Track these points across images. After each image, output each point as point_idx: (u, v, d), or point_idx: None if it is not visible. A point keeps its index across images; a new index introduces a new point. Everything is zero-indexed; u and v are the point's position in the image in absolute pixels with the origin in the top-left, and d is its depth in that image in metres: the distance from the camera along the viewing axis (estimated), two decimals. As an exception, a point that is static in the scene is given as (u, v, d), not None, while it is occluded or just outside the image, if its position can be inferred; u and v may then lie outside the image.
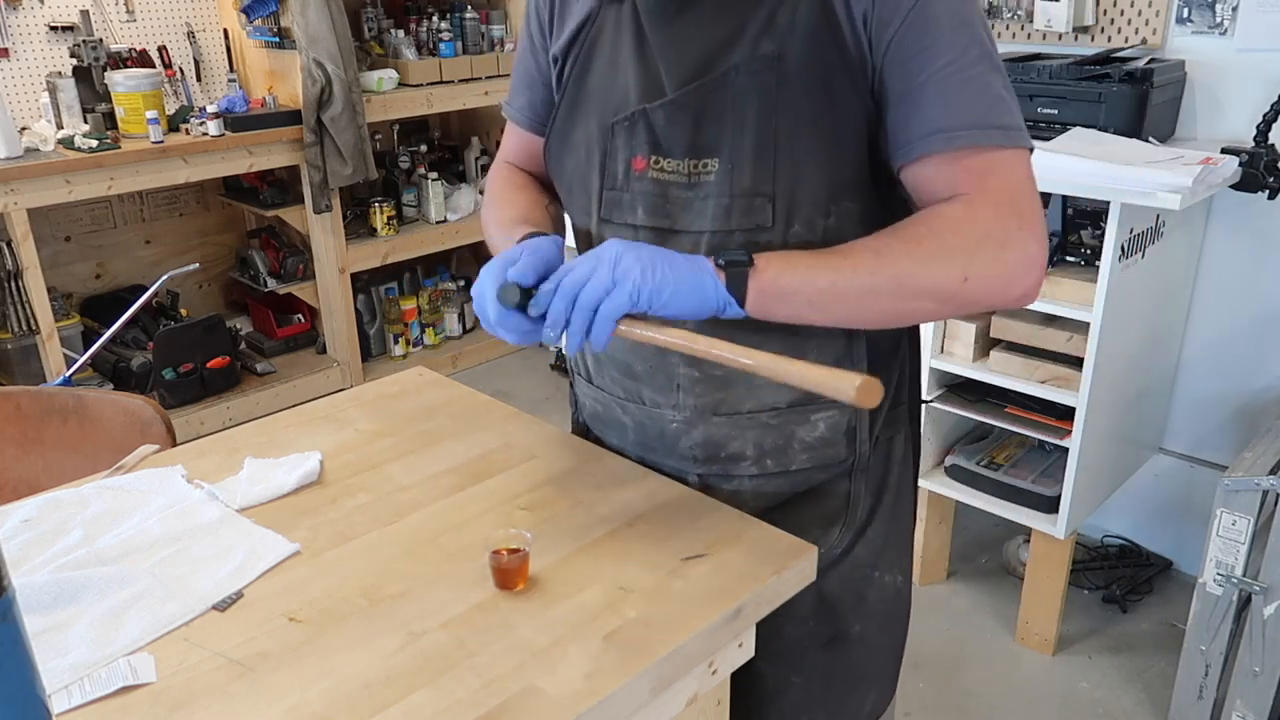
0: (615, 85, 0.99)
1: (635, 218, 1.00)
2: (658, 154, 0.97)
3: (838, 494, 1.08)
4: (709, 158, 0.95)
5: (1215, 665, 1.85)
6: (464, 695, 0.78)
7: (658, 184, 0.98)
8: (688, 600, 0.89)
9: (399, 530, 1.02)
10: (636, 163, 0.98)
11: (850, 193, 0.95)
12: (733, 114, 0.93)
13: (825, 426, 1.04)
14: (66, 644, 0.84)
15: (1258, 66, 2.11)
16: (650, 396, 1.06)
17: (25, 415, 1.46)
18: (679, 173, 0.97)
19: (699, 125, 0.95)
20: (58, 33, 3.19)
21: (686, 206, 0.97)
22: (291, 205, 3.41)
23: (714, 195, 0.95)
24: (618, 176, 1.00)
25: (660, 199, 0.98)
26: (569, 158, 1.05)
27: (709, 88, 0.93)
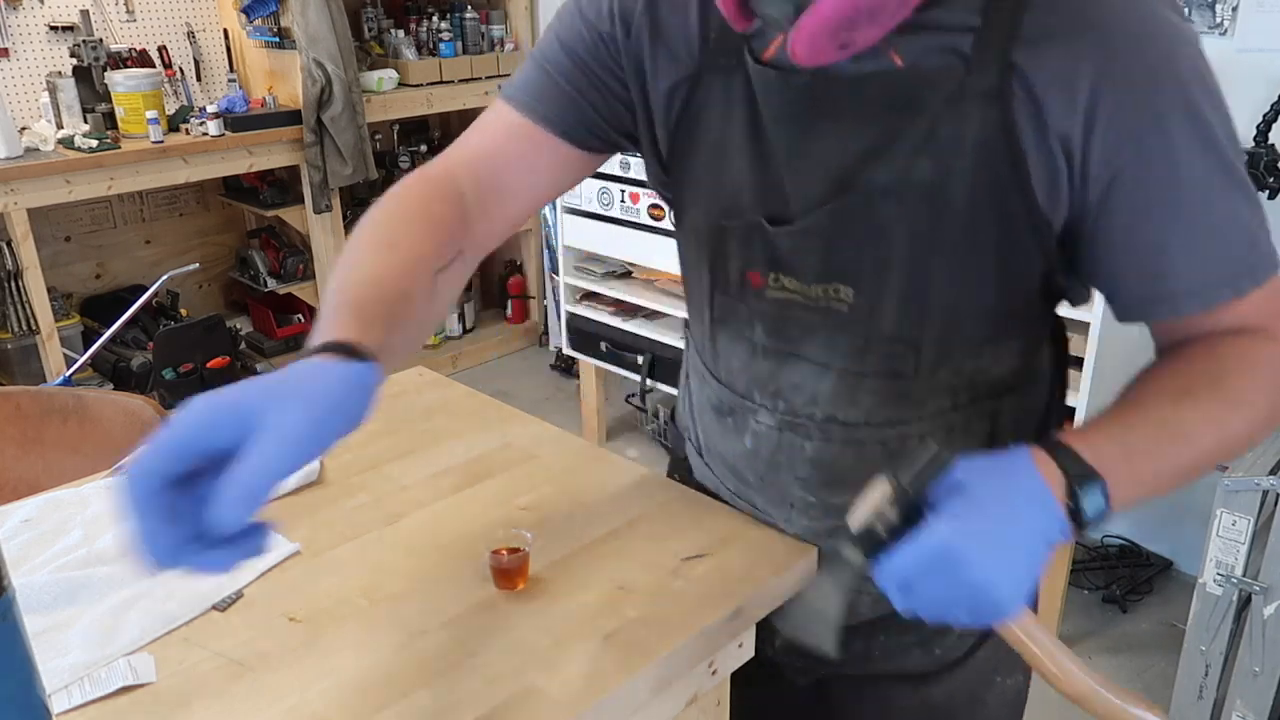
0: (725, 180, 0.83)
1: (753, 334, 0.87)
2: (778, 271, 0.82)
3: None
4: (843, 284, 0.79)
5: (1215, 665, 1.84)
6: (464, 695, 0.78)
7: (778, 304, 0.83)
8: (688, 600, 0.89)
9: (399, 530, 1.02)
10: (753, 277, 0.84)
11: (1014, 330, 0.82)
12: (875, 246, 0.77)
13: None
14: (66, 644, 0.84)
15: (1258, 66, 2.11)
16: (762, 505, 0.96)
17: (25, 415, 1.45)
18: (804, 295, 0.82)
19: (831, 250, 0.79)
20: (58, 33, 3.19)
21: (812, 332, 0.83)
22: (291, 205, 3.41)
23: (847, 330, 0.81)
24: (730, 284, 0.86)
25: (781, 320, 0.84)
26: (682, 235, 0.92)
27: (846, 212, 0.77)
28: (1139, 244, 0.73)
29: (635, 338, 2.90)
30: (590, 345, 3.06)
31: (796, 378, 0.86)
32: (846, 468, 0.86)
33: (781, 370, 0.86)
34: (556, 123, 0.88)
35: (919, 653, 0.95)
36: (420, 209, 0.82)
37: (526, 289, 4.04)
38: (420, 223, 0.80)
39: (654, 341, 2.85)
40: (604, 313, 3.00)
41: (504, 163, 0.89)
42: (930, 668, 0.95)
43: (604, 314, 3.00)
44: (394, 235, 0.78)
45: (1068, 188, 0.72)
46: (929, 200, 0.74)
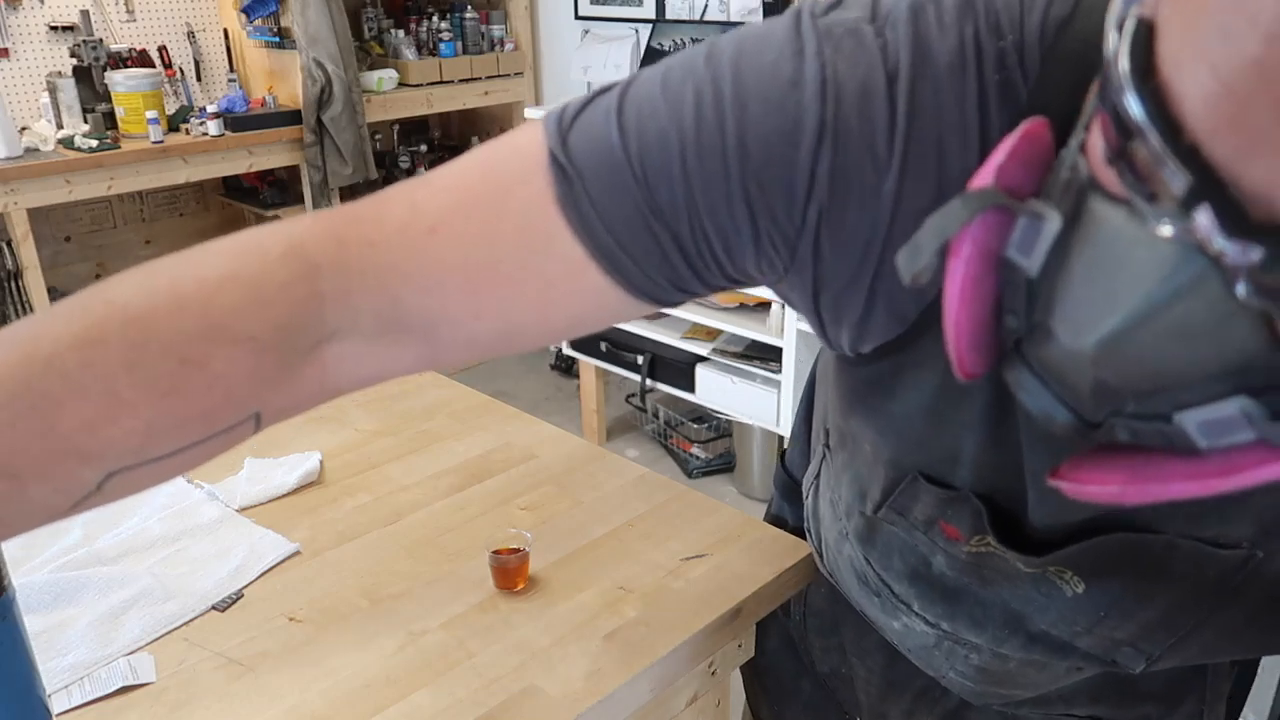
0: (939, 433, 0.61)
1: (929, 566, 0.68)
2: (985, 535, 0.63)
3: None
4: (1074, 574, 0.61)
5: (1215, 665, 1.85)
6: (464, 695, 0.78)
7: (978, 556, 0.64)
8: (688, 600, 0.89)
9: (399, 530, 1.02)
10: (949, 530, 0.64)
11: None
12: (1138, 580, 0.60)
13: None
14: (66, 644, 0.84)
15: (1258, 66, 2.11)
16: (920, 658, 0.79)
17: (25, 415, 1.45)
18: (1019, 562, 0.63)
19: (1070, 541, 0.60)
20: (58, 33, 3.19)
21: (1015, 585, 0.64)
22: (291, 205, 3.41)
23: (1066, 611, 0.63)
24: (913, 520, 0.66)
25: (977, 567, 0.65)
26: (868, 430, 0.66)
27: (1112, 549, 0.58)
28: None
29: (635, 338, 2.90)
30: (590, 345, 3.06)
31: (976, 613, 0.68)
32: (1020, 677, 0.73)
33: (959, 604, 0.68)
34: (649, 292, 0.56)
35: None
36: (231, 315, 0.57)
37: (526, 289, 4.05)
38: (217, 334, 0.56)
39: (654, 341, 2.85)
40: (604, 313, 3.00)
41: None
42: None
43: (604, 314, 3.00)
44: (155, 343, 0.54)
45: None
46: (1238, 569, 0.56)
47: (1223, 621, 0.60)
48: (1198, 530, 0.55)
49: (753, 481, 2.85)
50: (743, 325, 2.61)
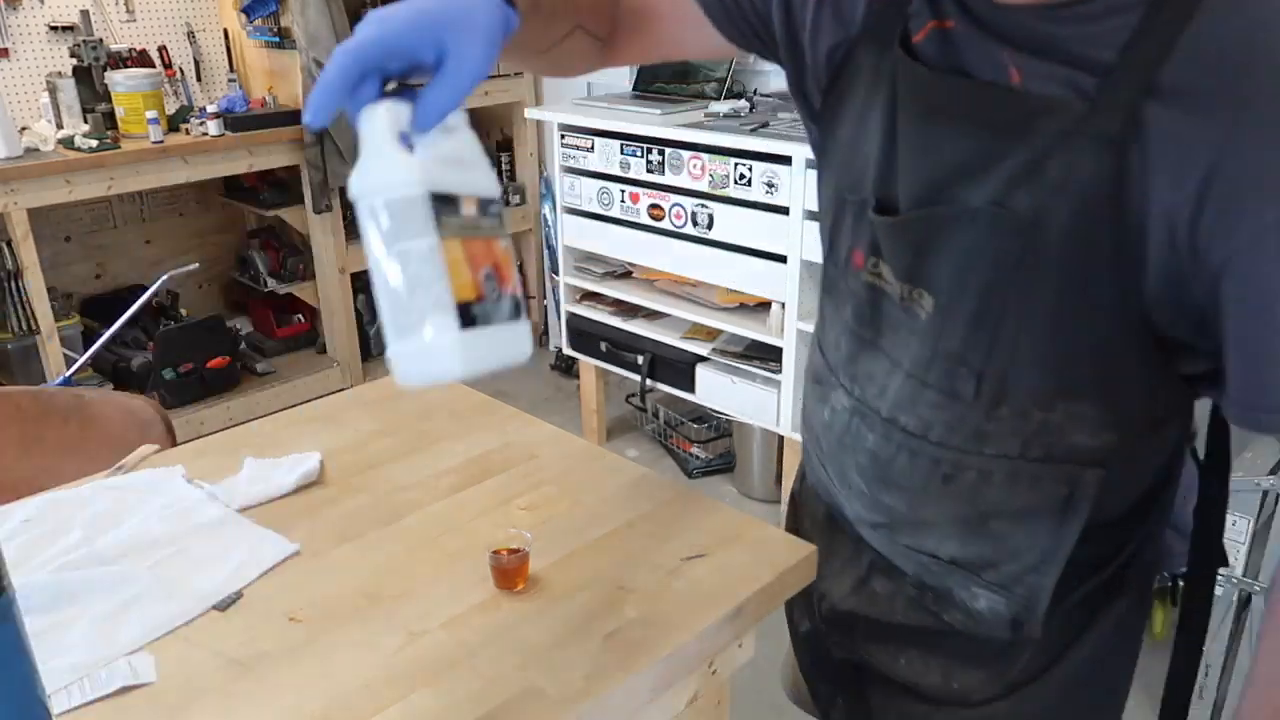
0: (858, 154, 0.82)
1: (844, 313, 0.88)
2: (878, 258, 0.81)
3: (995, 651, 0.91)
4: (922, 289, 0.78)
5: (1215, 665, 1.84)
6: (464, 695, 0.78)
7: (870, 290, 0.83)
8: (688, 600, 0.89)
9: (399, 530, 1.02)
10: (856, 256, 0.84)
11: (1086, 397, 0.75)
12: (955, 263, 0.75)
13: (987, 604, 0.87)
14: (66, 644, 0.84)
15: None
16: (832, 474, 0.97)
17: (25, 415, 1.45)
18: (892, 288, 0.81)
19: (919, 254, 0.77)
20: (58, 33, 3.19)
21: (892, 327, 0.83)
22: (291, 205, 3.41)
23: (919, 336, 0.80)
24: (840, 257, 0.87)
25: (870, 307, 0.84)
26: (821, 190, 0.92)
27: (937, 222, 0.75)
28: (1246, 346, 0.65)
29: (635, 338, 2.90)
30: (590, 345, 3.06)
31: (871, 367, 0.86)
32: (899, 472, 0.85)
33: (860, 356, 0.87)
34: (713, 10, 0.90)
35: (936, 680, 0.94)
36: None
37: (526, 289, 4.05)
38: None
39: (654, 341, 2.85)
40: (604, 313, 3.00)
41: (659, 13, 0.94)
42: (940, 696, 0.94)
43: (604, 314, 3.00)
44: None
45: (1178, 259, 0.65)
46: (1021, 235, 0.70)
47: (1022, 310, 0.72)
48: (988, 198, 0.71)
49: (753, 481, 2.85)
50: (743, 325, 2.61)
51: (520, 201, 3.90)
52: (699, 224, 2.60)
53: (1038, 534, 0.82)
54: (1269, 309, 0.62)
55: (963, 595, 0.89)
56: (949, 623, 0.91)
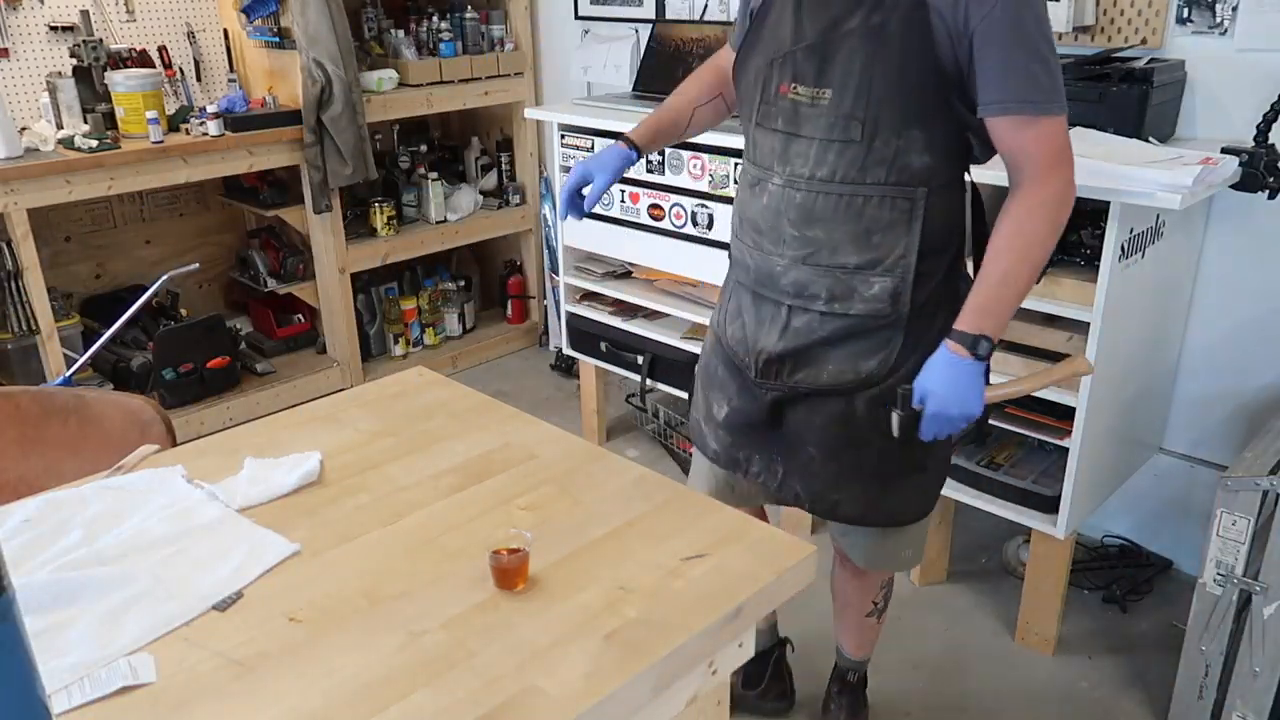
0: (779, 33, 1.41)
1: (777, 125, 1.42)
2: (795, 82, 1.39)
3: (881, 338, 1.44)
4: (825, 88, 1.35)
5: (1215, 665, 1.84)
6: (464, 695, 0.78)
7: (793, 104, 1.39)
8: (688, 600, 0.89)
9: (399, 530, 1.02)
10: (782, 88, 1.40)
11: (915, 124, 1.33)
12: (845, 61, 1.33)
13: (879, 287, 1.41)
14: (66, 644, 0.84)
15: (1258, 66, 2.11)
16: (766, 245, 1.47)
17: (25, 415, 1.45)
18: (806, 96, 1.38)
19: (823, 65, 1.35)
20: (58, 33, 3.19)
21: (807, 120, 1.38)
22: (291, 205, 3.40)
23: (825, 114, 1.36)
24: (771, 94, 1.43)
25: (793, 113, 1.40)
26: (744, 80, 1.49)
27: (834, 41, 1.34)
28: (990, 70, 1.28)
29: (635, 338, 2.90)
30: (590, 345, 3.06)
31: (797, 148, 1.40)
32: (819, 210, 1.40)
33: (790, 145, 1.41)
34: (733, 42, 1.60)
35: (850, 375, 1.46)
36: (697, 75, 1.73)
37: (526, 289, 4.04)
38: (694, 81, 1.72)
39: (654, 341, 2.85)
40: (604, 313, 3.00)
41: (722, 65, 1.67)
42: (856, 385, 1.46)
43: (604, 314, 3.00)
44: (684, 87, 1.73)
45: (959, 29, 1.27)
46: (877, 36, 1.30)
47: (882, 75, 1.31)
48: None
49: (753, 481, 2.85)
50: (743, 325, 2.60)
51: (520, 201, 3.90)
52: (699, 224, 2.60)
53: (899, 236, 1.39)
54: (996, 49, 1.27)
55: (862, 288, 1.41)
56: (854, 315, 1.42)
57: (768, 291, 1.49)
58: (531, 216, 3.90)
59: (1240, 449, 1.90)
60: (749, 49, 1.47)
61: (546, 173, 3.84)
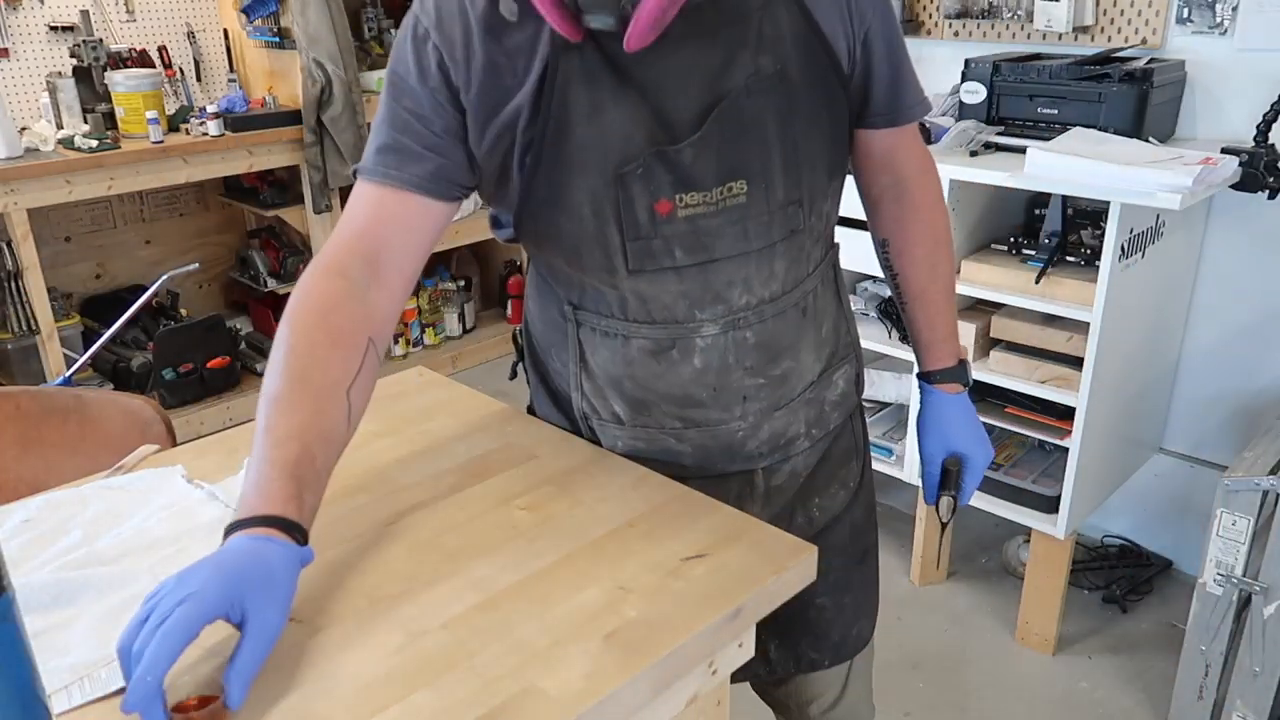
0: (610, 135, 0.94)
1: (673, 260, 0.99)
2: (681, 191, 0.96)
3: (849, 433, 1.23)
4: (735, 180, 0.97)
5: (1215, 665, 1.84)
6: (464, 695, 0.78)
7: (688, 220, 0.97)
8: (688, 600, 0.89)
9: (399, 530, 1.02)
10: (661, 206, 0.96)
11: (839, 174, 1.07)
12: (754, 133, 0.96)
13: (843, 381, 1.18)
14: (66, 644, 0.84)
15: (1258, 66, 2.11)
16: (715, 416, 1.09)
17: (25, 415, 1.45)
18: (706, 204, 0.97)
19: (723, 152, 0.95)
20: (58, 33, 3.19)
21: (720, 234, 0.99)
22: (291, 205, 3.41)
23: (750, 215, 0.99)
24: (640, 225, 0.97)
25: (693, 234, 0.98)
26: (567, 221, 0.98)
27: (725, 114, 0.94)
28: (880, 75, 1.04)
29: (635, 338, 2.90)
30: (590, 345, 3.05)
31: (723, 275, 1.01)
32: (780, 337, 1.07)
33: (709, 276, 1.01)
34: (418, 184, 0.97)
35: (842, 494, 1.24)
36: (322, 329, 0.93)
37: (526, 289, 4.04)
38: (325, 347, 0.92)
39: (654, 341, 2.84)
40: (604, 313, 2.99)
41: (382, 233, 0.98)
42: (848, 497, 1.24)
43: (604, 314, 2.99)
44: (306, 370, 0.90)
45: (852, 44, 1.00)
46: (779, 85, 0.95)
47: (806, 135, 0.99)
48: None
49: (753, 481, 2.85)
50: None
51: (520, 201, 3.90)
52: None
53: (834, 309, 1.15)
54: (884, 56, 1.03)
55: (830, 392, 1.16)
56: (830, 430, 1.18)
57: (723, 467, 1.13)
58: (531, 216, 3.90)
59: (1240, 449, 1.91)
60: (552, 179, 0.96)
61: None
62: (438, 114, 0.96)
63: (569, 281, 1.07)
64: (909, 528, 2.50)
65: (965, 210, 2.12)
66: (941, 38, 2.60)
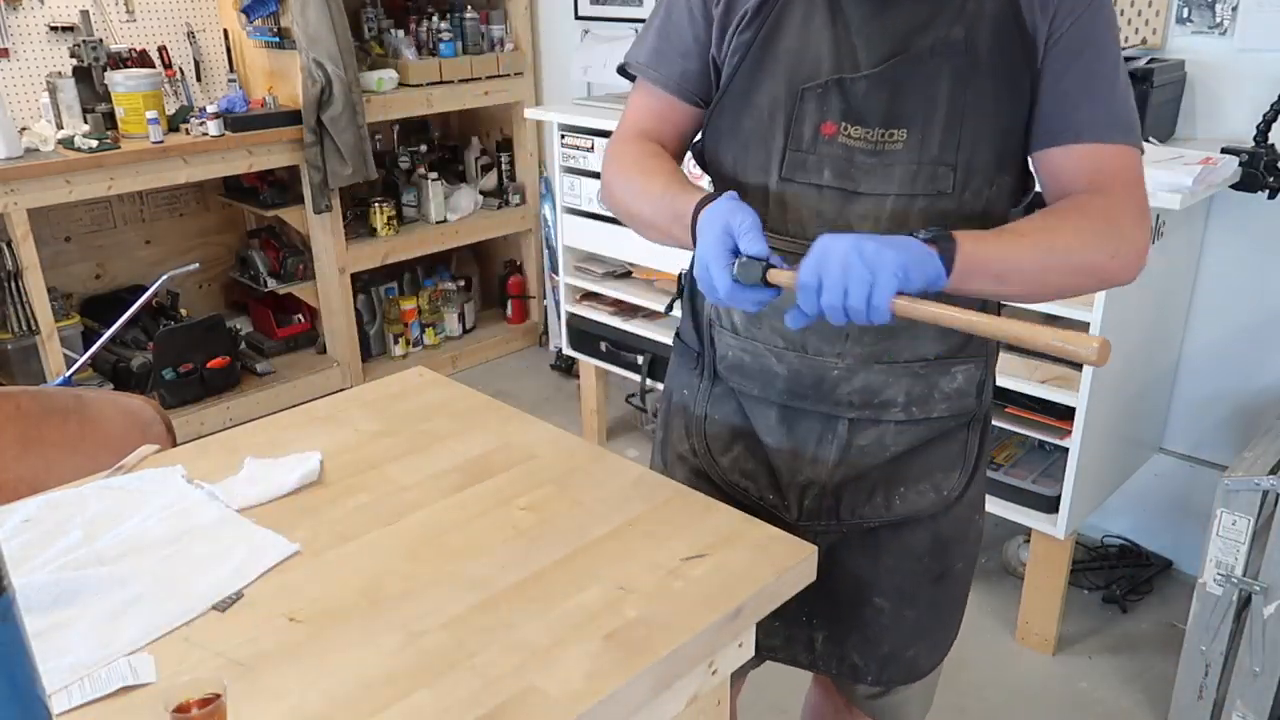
0: (807, 54, 1.04)
1: (821, 178, 1.05)
2: (848, 121, 1.03)
3: (960, 441, 1.17)
4: (899, 128, 1.02)
5: (1215, 665, 1.84)
6: (464, 695, 0.78)
7: (845, 149, 1.04)
8: (688, 600, 0.89)
9: (399, 530, 1.02)
10: (826, 127, 1.04)
11: (1008, 167, 1.06)
12: (926, 90, 1.01)
13: (963, 378, 1.13)
14: (66, 644, 0.84)
15: (1258, 66, 2.11)
16: (815, 345, 1.11)
17: (25, 415, 1.45)
18: (867, 140, 1.03)
19: (894, 98, 1.02)
20: (58, 33, 3.19)
21: (871, 172, 1.04)
22: (291, 205, 3.40)
23: (901, 162, 1.03)
24: (804, 139, 1.05)
25: (846, 163, 1.04)
26: (748, 118, 1.08)
27: (907, 65, 1.01)
28: (1064, 84, 1.01)
29: (635, 338, 2.90)
30: (590, 345, 3.06)
31: (860, 209, 1.05)
32: None
33: (848, 206, 1.05)
34: (666, 83, 1.14)
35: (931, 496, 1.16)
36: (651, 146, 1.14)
37: (526, 289, 4.04)
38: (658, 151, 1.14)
39: (654, 341, 2.85)
40: (604, 313, 3.00)
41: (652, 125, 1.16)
42: (938, 507, 1.16)
43: (604, 314, 3.00)
44: (653, 155, 1.12)
45: (1043, 42, 1.00)
46: (962, 53, 1.00)
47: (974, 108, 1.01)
48: None
49: (753, 481, 2.85)
50: (743, 325, 2.60)
51: (520, 201, 3.90)
52: (699, 224, 2.60)
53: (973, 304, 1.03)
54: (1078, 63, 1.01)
55: (944, 381, 1.12)
56: (934, 418, 1.13)
57: (811, 404, 1.13)
58: (531, 216, 3.90)
59: (1240, 449, 1.91)
60: (752, 77, 1.07)
61: (546, 173, 3.84)
62: (692, 24, 1.11)
63: (731, 185, 1.12)
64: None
65: (965, 210, 2.12)
66: (941, 38, 2.60)
